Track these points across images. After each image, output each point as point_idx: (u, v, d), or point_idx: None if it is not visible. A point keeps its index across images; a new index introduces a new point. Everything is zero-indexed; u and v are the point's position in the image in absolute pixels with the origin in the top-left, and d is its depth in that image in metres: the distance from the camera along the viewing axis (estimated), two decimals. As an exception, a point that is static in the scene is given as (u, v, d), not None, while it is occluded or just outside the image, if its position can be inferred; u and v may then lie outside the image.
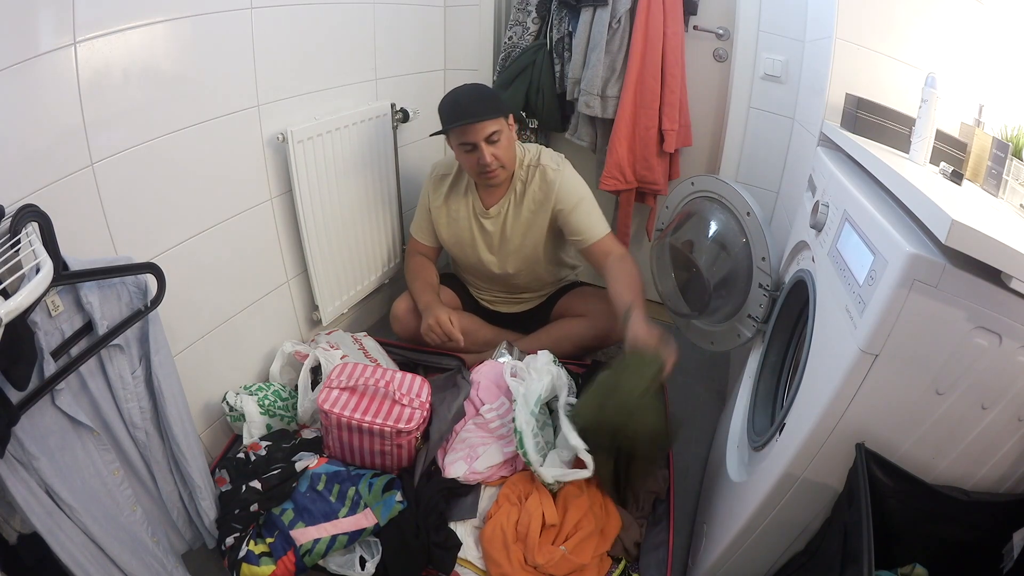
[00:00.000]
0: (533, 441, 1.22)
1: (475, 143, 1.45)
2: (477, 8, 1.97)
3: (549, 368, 1.33)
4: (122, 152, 1.05)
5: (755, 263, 1.32)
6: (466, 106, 1.43)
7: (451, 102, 1.47)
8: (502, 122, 1.47)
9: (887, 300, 0.70)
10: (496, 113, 1.45)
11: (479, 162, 1.47)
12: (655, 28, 1.70)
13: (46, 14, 0.89)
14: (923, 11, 1.21)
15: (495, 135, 1.45)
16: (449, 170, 1.67)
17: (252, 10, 1.25)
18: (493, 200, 1.62)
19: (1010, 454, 0.76)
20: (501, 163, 1.48)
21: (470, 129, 1.43)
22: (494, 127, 1.44)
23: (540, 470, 1.20)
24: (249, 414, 1.34)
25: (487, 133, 1.44)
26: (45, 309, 0.90)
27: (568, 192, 1.55)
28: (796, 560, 0.96)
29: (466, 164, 1.53)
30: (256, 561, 1.11)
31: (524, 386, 1.28)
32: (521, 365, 1.37)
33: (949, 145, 1.04)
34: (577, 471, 1.20)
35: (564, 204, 1.55)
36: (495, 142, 1.46)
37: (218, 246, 1.30)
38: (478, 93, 1.48)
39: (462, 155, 1.51)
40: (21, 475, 0.85)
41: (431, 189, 1.69)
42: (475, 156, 1.47)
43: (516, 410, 1.24)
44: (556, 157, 1.60)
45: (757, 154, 1.76)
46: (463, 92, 1.49)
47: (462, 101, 1.45)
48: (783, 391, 1.19)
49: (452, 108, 1.46)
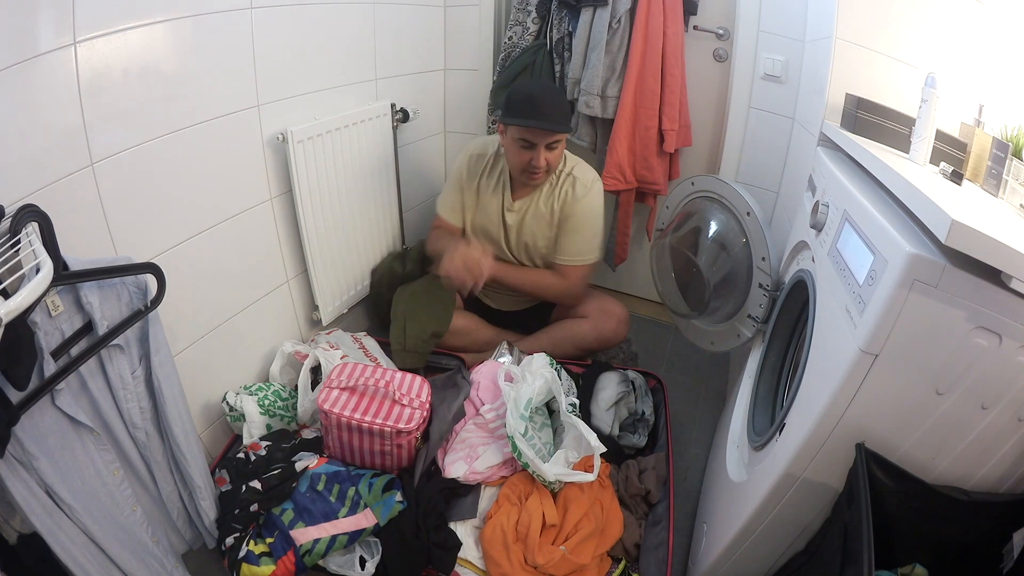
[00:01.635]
0: (527, 443, 1.22)
1: (536, 144, 1.44)
2: (477, 8, 1.97)
3: (543, 372, 1.33)
4: (122, 152, 1.04)
5: (755, 263, 1.32)
6: (544, 108, 1.41)
7: (527, 97, 1.43)
8: (566, 133, 1.48)
9: (887, 300, 0.70)
10: (568, 126, 1.46)
11: (532, 162, 1.46)
12: (655, 28, 1.70)
13: (46, 14, 0.89)
14: (923, 11, 1.21)
15: (556, 144, 1.46)
16: (485, 150, 1.65)
17: (252, 10, 1.25)
18: (521, 196, 1.62)
19: (1010, 454, 0.76)
20: (550, 168, 1.49)
21: (540, 132, 1.43)
22: (560, 136, 1.45)
23: (542, 467, 1.19)
24: (249, 414, 1.34)
25: (553, 140, 1.44)
26: (45, 309, 0.90)
27: (581, 214, 1.57)
28: (796, 560, 0.96)
29: (515, 157, 1.51)
30: (256, 561, 1.11)
31: (515, 390, 1.28)
32: (516, 369, 1.37)
33: (949, 145, 1.04)
34: (580, 473, 1.20)
35: (573, 221, 1.57)
36: (553, 150, 1.46)
37: (218, 246, 1.30)
38: (556, 97, 1.47)
39: (515, 148, 1.49)
40: (21, 475, 0.85)
41: (465, 168, 1.66)
42: (529, 155, 1.46)
43: (508, 415, 1.24)
44: (591, 174, 1.60)
45: (757, 154, 1.76)
46: (540, 89, 1.47)
47: (540, 101, 1.42)
48: (783, 391, 1.19)
49: (528, 104, 1.42)
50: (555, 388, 1.32)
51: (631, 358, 1.80)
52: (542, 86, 1.53)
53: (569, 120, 1.47)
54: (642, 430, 1.46)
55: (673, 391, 1.63)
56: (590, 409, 1.45)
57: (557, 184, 1.59)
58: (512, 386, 1.30)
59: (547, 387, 1.32)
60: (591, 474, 1.19)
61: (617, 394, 1.48)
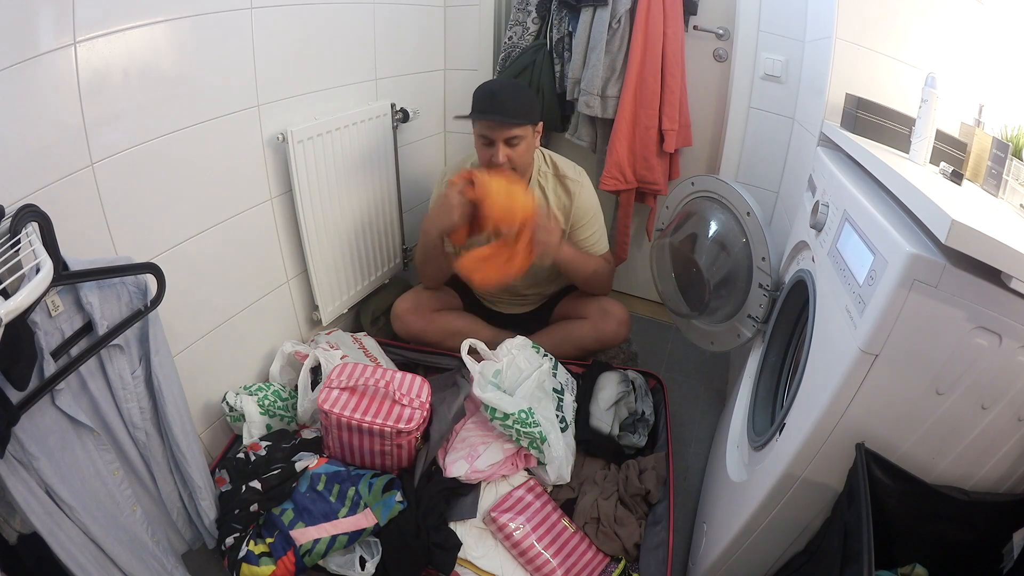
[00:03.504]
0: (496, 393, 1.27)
1: (493, 140, 1.44)
2: (477, 8, 1.96)
3: (513, 350, 1.41)
4: (122, 152, 1.04)
5: (755, 263, 1.32)
6: (500, 101, 1.41)
7: (487, 92, 1.44)
8: (528, 129, 1.45)
9: (887, 300, 0.70)
10: (526, 120, 1.44)
11: (491, 159, 1.46)
12: (655, 28, 1.70)
13: (46, 14, 0.89)
14: (923, 11, 1.21)
15: (516, 139, 1.44)
16: (462, 169, 1.64)
17: (252, 10, 1.25)
18: None
19: (1010, 454, 0.76)
20: (513, 165, 1.47)
21: (495, 126, 1.42)
22: (518, 132, 1.43)
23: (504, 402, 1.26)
24: (249, 414, 1.34)
25: (509, 135, 1.43)
26: (45, 309, 0.90)
27: (585, 208, 1.57)
28: (796, 560, 0.96)
29: (480, 155, 1.52)
30: (256, 561, 1.11)
31: (480, 366, 1.34)
32: (490, 352, 1.42)
33: (949, 145, 1.04)
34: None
35: (579, 220, 1.57)
36: (514, 145, 1.45)
37: (218, 246, 1.30)
38: (515, 92, 1.47)
39: (478, 146, 1.50)
40: (21, 475, 0.85)
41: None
42: (490, 152, 1.46)
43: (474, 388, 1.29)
44: (575, 168, 1.60)
45: (757, 154, 1.76)
46: (501, 86, 1.48)
47: (498, 95, 1.42)
48: (783, 391, 1.19)
49: (485, 98, 1.43)
50: (532, 365, 1.38)
51: (631, 358, 1.80)
52: (504, 83, 1.51)
53: (531, 115, 1.44)
54: (642, 430, 1.46)
55: (673, 391, 1.63)
56: (590, 409, 1.45)
57: (548, 189, 1.58)
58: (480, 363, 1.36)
59: (516, 363, 1.37)
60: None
61: (617, 394, 1.48)
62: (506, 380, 1.35)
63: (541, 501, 1.25)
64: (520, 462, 1.29)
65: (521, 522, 1.20)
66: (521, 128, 1.43)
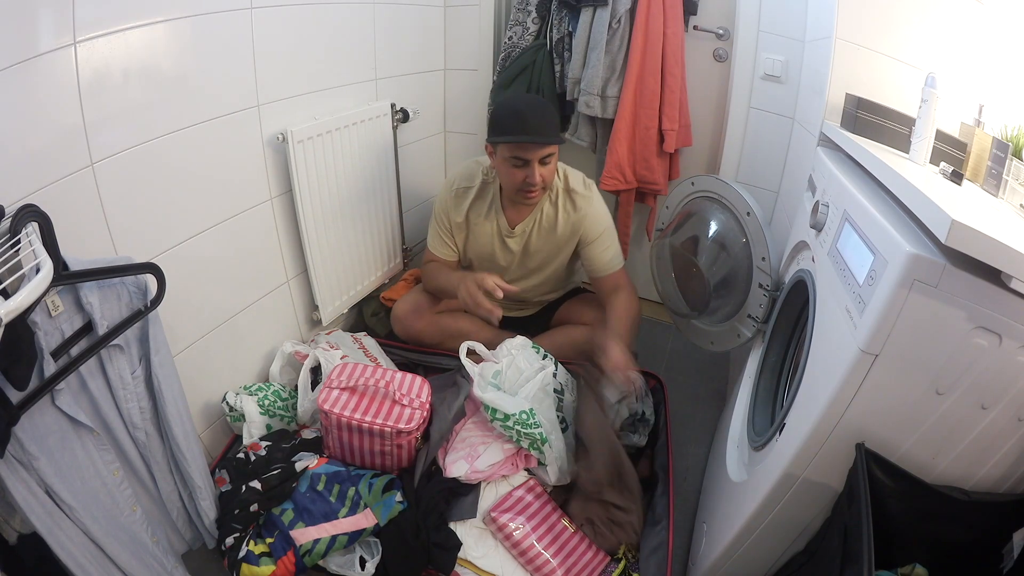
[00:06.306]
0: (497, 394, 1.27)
1: (529, 160, 1.39)
2: (477, 8, 1.97)
3: (511, 351, 1.40)
4: (122, 152, 1.04)
5: (755, 263, 1.32)
6: (532, 123, 1.36)
7: (513, 113, 1.38)
8: (557, 145, 1.43)
9: (887, 300, 0.70)
10: (558, 137, 1.42)
11: (526, 179, 1.41)
12: (655, 28, 1.70)
13: (46, 14, 0.89)
14: (923, 11, 1.21)
15: (549, 158, 1.41)
16: (471, 183, 1.59)
17: (252, 10, 1.25)
18: (519, 219, 1.57)
19: (1010, 454, 0.76)
20: (545, 184, 1.45)
21: (531, 147, 1.37)
22: (552, 150, 1.41)
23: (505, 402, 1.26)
24: (249, 414, 1.34)
25: (545, 154, 1.39)
26: (45, 309, 0.90)
27: (595, 222, 1.54)
28: (796, 560, 0.96)
29: (508, 177, 1.45)
30: (256, 561, 1.11)
31: (479, 367, 1.34)
32: (490, 353, 1.42)
33: (949, 145, 1.04)
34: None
35: (590, 235, 1.54)
36: (547, 164, 1.42)
37: (218, 246, 1.30)
38: (543, 109, 1.42)
39: (506, 167, 1.43)
40: (21, 475, 0.85)
41: (451, 205, 1.59)
42: (523, 173, 1.41)
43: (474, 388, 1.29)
44: (583, 182, 1.56)
45: (757, 154, 1.76)
46: (527, 105, 1.42)
47: (527, 116, 1.37)
48: (783, 391, 1.19)
49: (515, 120, 1.37)
50: (531, 364, 1.38)
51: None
52: (527, 100, 1.47)
53: (559, 131, 1.41)
54: (642, 430, 1.46)
55: (673, 391, 1.63)
56: (590, 409, 1.45)
57: (556, 202, 1.54)
58: (479, 364, 1.37)
59: (516, 363, 1.37)
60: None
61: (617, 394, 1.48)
62: (506, 381, 1.35)
63: (541, 501, 1.25)
64: (520, 462, 1.29)
65: (521, 522, 1.20)
66: (555, 146, 1.41)
